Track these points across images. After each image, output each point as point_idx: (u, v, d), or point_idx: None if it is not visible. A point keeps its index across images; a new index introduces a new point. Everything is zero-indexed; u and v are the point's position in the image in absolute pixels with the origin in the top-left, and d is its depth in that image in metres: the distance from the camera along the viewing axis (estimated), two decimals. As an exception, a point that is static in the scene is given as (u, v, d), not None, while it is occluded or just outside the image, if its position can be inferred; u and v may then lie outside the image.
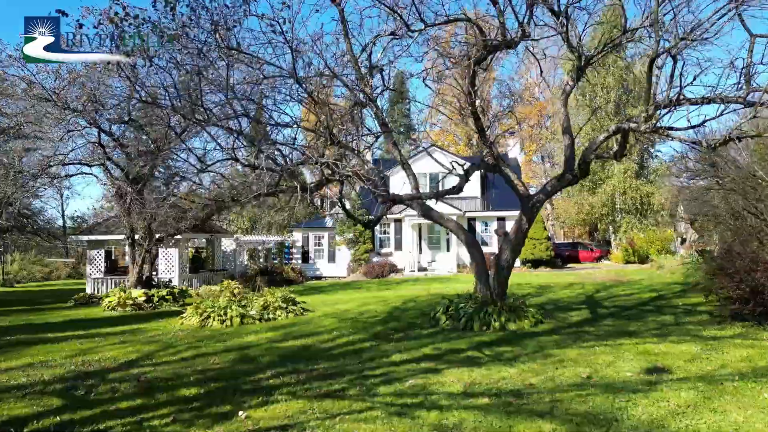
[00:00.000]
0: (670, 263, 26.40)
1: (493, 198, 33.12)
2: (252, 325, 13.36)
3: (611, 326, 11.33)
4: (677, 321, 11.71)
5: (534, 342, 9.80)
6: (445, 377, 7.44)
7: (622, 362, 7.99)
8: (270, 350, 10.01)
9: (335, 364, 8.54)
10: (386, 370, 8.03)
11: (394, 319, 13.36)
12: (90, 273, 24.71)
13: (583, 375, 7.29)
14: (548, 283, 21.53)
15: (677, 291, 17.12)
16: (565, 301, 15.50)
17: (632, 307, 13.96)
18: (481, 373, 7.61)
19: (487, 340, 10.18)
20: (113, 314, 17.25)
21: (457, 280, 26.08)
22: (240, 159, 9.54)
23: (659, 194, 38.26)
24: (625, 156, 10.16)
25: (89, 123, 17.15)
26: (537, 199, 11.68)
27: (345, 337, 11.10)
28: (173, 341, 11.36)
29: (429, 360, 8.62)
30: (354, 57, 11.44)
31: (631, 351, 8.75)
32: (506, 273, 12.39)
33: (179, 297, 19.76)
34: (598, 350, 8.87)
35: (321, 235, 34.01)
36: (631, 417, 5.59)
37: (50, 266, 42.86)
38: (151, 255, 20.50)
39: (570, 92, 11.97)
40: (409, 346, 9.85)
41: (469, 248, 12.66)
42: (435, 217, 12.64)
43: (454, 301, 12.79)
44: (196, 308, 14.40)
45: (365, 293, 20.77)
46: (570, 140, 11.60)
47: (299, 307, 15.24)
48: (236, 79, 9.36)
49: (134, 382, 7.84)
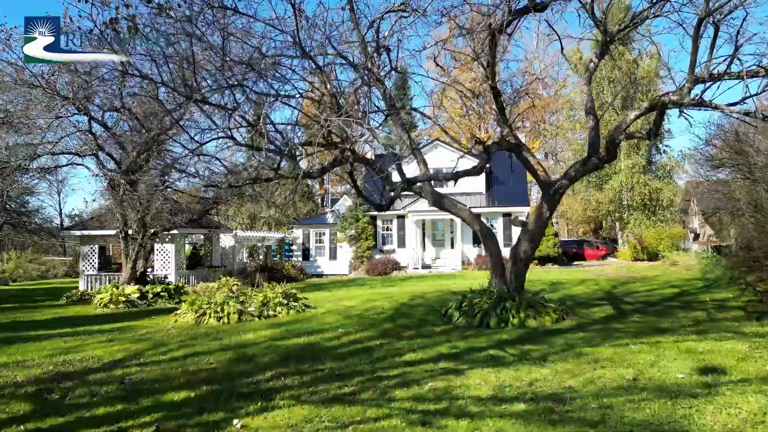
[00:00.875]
0: (684, 260, 25.54)
1: (498, 194, 32.19)
2: (251, 322, 12.47)
3: (640, 323, 10.43)
4: (711, 317, 10.81)
5: (561, 339, 8.90)
6: (468, 379, 6.54)
7: (667, 362, 7.09)
8: (270, 349, 9.12)
9: (343, 364, 7.64)
10: (401, 370, 7.12)
11: (402, 316, 12.46)
12: (83, 269, 23.78)
13: (627, 376, 6.38)
14: (559, 280, 20.63)
15: (700, 287, 16.22)
16: (582, 297, 14.60)
17: (656, 303, 13.06)
18: (510, 374, 6.71)
19: (508, 338, 9.29)
20: (105, 312, 16.39)
21: (463, 276, 25.17)
22: (237, 138, 8.65)
23: (668, 190, 37.39)
24: (658, 136, 9.24)
25: (79, 110, 16.24)
26: (560, 185, 10.78)
27: (351, 335, 10.20)
28: (165, 339, 10.46)
29: (447, 359, 7.72)
30: (360, 35, 10.58)
31: (671, 349, 7.85)
32: (524, 266, 11.50)
33: (175, 294, 18.88)
34: (634, 348, 7.97)
35: (322, 232, 33.10)
36: (702, 427, 4.70)
37: (47, 264, 42.37)
38: (146, 250, 19.58)
39: (594, 70, 11.06)
40: (422, 344, 8.95)
41: (484, 240, 11.77)
42: (447, 205, 11.74)
43: (467, 296, 11.90)
44: (191, 305, 13.50)
45: (369, 290, 19.87)
46: (594, 121, 10.70)
47: (301, 304, 14.34)
48: (233, 52, 8.46)
49: (117, 385, 6.95)
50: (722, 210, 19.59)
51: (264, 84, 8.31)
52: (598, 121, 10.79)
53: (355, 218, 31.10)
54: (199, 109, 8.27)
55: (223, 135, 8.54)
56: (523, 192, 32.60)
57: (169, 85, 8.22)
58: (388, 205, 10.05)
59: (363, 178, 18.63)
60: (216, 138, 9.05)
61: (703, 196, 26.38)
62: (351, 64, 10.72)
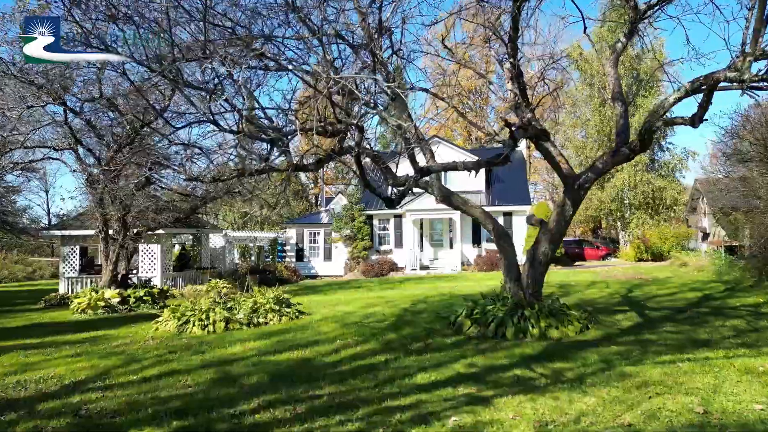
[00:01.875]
0: (694, 260, 24.49)
1: (498, 192, 31.12)
2: (239, 331, 11.28)
3: (676, 333, 9.29)
4: (752, 326, 9.70)
5: (593, 355, 7.74)
6: (499, 411, 5.36)
7: (731, 386, 5.94)
8: (258, 366, 7.91)
9: (344, 389, 6.44)
10: (415, 398, 5.92)
11: (406, 324, 11.28)
12: (63, 271, 22.43)
13: (695, 408, 5.23)
14: (568, 282, 19.55)
15: (722, 290, 15.12)
16: (600, 302, 13.47)
17: (684, 309, 11.94)
18: (548, 404, 5.53)
19: (531, 353, 8.12)
20: (82, 318, 15.16)
21: (464, 278, 24.06)
22: (219, 122, 7.44)
23: (672, 188, 36.37)
24: (703, 121, 8.11)
25: (54, 100, 14.92)
26: (585, 179, 9.61)
27: (351, 348, 9.00)
28: (140, 353, 9.22)
29: (467, 382, 6.53)
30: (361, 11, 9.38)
31: (727, 369, 6.72)
32: (543, 269, 10.34)
33: (159, 298, 17.63)
34: (684, 368, 6.82)
35: (316, 232, 31.87)
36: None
37: (33, 266, 41.24)
38: (128, 251, 18.30)
39: (622, 51, 9.94)
40: (434, 361, 7.78)
41: (498, 240, 10.60)
42: (457, 202, 10.57)
43: (479, 302, 10.73)
44: (173, 311, 12.28)
45: (367, 293, 18.68)
46: (623, 107, 9.55)
47: (294, 310, 13.13)
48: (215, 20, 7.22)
49: (71, 418, 5.72)
50: (741, 208, 18.49)
51: (253, 60, 7.12)
52: (627, 107, 9.64)
53: (350, 217, 29.90)
54: (173, 84, 7.05)
55: (204, 119, 7.33)
56: (524, 190, 31.54)
57: (142, 63, 7.00)
58: (399, 200, 8.89)
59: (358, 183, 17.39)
60: (195, 122, 7.82)
61: (715, 194, 25.27)
62: (351, 46, 9.56)
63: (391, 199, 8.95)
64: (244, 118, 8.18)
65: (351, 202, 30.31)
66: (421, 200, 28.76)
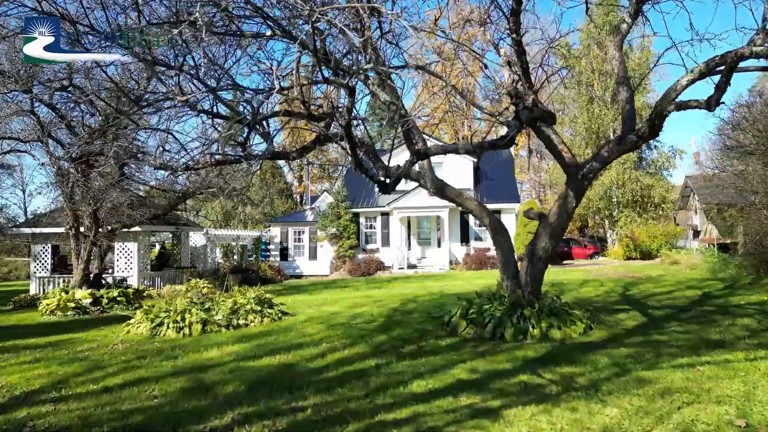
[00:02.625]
0: (686, 258, 24.11)
1: (486, 190, 30.58)
2: (217, 333, 10.47)
3: (685, 333, 8.69)
4: (765, 326, 9.14)
5: (603, 358, 7.09)
6: (511, 426, 4.66)
7: (765, 393, 5.32)
8: (236, 373, 7.14)
9: (331, 399, 5.69)
10: (411, 410, 5.21)
11: (396, 325, 10.56)
12: (34, 271, 21.37)
13: (733, 421, 4.58)
14: (560, 281, 18.94)
15: (721, 288, 14.62)
16: (598, 301, 12.87)
17: (687, 308, 11.38)
18: (565, 416, 4.84)
19: (535, 355, 7.46)
20: (51, 320, 14.25)
21: (453, 277, 23.41)
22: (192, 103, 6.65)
23: (660, 186, 36.13)
24: (720, 105, 7.50)
25: (19, 88, 13.96)
26: (589, 168, 8.97)
27: (339, 352, 8.26)
28: (105, 359, 8.39)
29: (469, 390, 5.83)
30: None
31: (753, 373, 6.10)
32: (543, 265, 9.69)
33: (135, 298, 16.71)
34: (706, 372, 6.20)
35: (301, 230, 31.03)
36: None
37: (9, 266, 40.11)
38: (101, 249, 17.35)
39: (626, 34, 9.34)
40: (430, 366, 7.07)
41: (494, 234, 9.94)
42: (452, 195, 9.89)
43: (474, 302, 10.06)
44: (147, 313, 11.45)
45: (354, 293, 17.93)
46: (629, 92, 8.94)
47: (277, 310, 12.35)
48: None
49: (12, 436, 4.93)
50: (737, 204, 18.05)
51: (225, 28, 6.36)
52: (633, 92, 9.03)
53: (336, 215, 29.12)
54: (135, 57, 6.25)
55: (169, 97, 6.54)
56: (512, 188, 31.07)
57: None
58: (394, 184, 8.17)
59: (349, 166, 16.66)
60: (162, 99, 7.02)
61: (708, 190, 24.92)
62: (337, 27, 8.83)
63: (385, 183, 8.22)
64: (218, 98, 7.41)
65: (337, 199, 29.53)
66: (408, 198, 28.10)
